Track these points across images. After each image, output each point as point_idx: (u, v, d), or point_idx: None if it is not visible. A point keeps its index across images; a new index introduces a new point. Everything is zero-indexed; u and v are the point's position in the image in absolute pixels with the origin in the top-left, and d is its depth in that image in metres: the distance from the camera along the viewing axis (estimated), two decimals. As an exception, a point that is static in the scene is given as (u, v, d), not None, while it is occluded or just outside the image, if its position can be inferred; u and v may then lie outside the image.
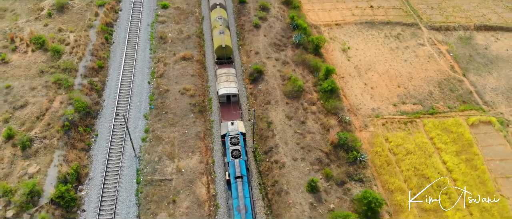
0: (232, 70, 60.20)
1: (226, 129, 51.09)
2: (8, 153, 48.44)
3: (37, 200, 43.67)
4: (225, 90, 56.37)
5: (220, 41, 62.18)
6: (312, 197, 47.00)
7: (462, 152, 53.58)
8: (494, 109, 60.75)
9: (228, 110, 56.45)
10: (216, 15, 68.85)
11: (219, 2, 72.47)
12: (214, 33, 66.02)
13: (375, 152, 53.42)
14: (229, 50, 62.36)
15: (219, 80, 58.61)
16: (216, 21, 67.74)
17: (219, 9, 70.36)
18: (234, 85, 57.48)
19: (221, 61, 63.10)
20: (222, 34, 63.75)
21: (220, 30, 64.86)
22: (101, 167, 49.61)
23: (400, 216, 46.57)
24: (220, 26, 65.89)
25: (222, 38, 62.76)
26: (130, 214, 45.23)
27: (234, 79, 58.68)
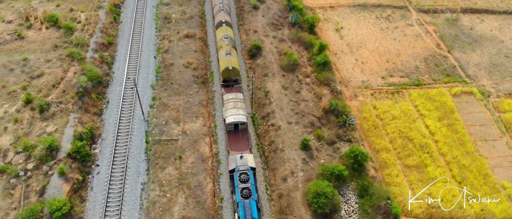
0: (239, 95, 56.04)
1: (234, 164, 47.27)
2: (27, 115, 53.09)
3: (55, 154, 48.31)
4: (233, 118, 52.59)
5: (226, 62, 58.54)
6: (305, 154, 51.62)
7: (444, 118, 58.17)
8: (476, 82, 65.36)
9: (236, 139, 52.87)
10: (222, 34, 65.06)
11: (225, 20, 68.11)
12: (220, 53, 62.08)
13: (363, 117, 58.05)
14: (236, 72, 58.60)
15: (226, 106, 54.60)
16: (222, 40, 63.89)
17: (225, 27, 66.48)
18: (243, 112, 53.56)
19: (228, 84, 59.47)
20: (228, 55, 60.05)
21: (226, 50, 60.93)
22: (112, 128, 54.26)
23: (385, 171, 51.20)
24: (227, 46, 62.04)
25: (229, 59, 59.03)
26: (140, 168, 49.90)
27: (242, 105, 54.66)
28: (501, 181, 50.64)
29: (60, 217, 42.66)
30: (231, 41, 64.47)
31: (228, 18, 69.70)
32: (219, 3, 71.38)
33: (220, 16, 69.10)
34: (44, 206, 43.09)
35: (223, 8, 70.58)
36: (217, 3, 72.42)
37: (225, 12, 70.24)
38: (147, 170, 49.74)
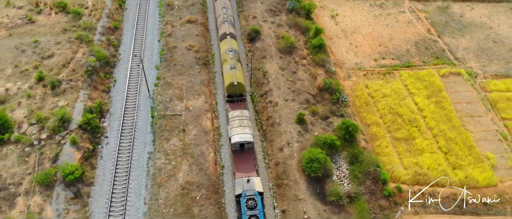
0: (245, 113, 53.79)
1: (241, 188, 45.10)
2: (39, 91, 56.49)
3: (67, 126, 51.73)
4: (238, 137, 50.21)
5: (231, 77, 56.24)
6: (300, 127, 55.05)
7: (433, 96, 61.57)
8: (464, 64, 68.75)
9: (242, 160, 50.46)
10: (226, 46, 62.25)
11: (229, 32, 65.28)
12: (225, 67, 59.34)
13: (355, 95, 61.47)
14: (241, 87, 56.26)
15: (231, 124, 52.21)
16: (226, 53, 61.24)
17: (229, 39, 63.63)
18: (249, 131, 51.18)
19: (232, 99, 57.28)
20: (233, 69, 57.57)
21: (231, 64, 58.36)
22: (120, 104, 57.68)
23: (375, 143, 54.62)
24: (231, 60, 59.35)
25: (234, 74, 56.56)
26: (147, 139, 53.35)
27: (248, 123, 52.34)
28: (485, 153, 54.06)
29: (73, 181, 46.05)
30: (236, 54, 61.88)
31: (233, 30, 67.13)
32: (223, 14, 69.01)
33: (224, 27, 66.49)
34: (57, 171, 46.49)
35: (227, 20, 67.87)
36: (221, 14, 69.56)
37: (229, 24, 67.53)
38: (153, 141, 53.17)
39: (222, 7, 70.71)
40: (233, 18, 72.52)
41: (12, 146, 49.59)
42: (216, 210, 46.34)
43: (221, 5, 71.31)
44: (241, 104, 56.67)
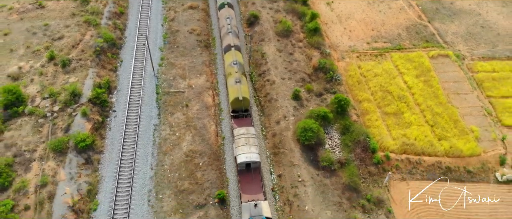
0: (251, 130, 51.68)
1: (248, 213, 43.44)
2: (51, 69, 60.06)
3: (78, 99, 55.33)
4: (245, 157, 48.10)
5: (236, 92, 54.20)
6: (296, 103, 58.61)
7: (421, 75, 65.13)
8: (453, 47, 72.31)
9: (248, 180, 48.41)
10: (231, 59, 59.79)
11: (234, 43, 62.84)
12: (229, 81, 56.98)
13: (349, 75, 65.04)
14: (246, 102, 54.46)
15: (237, 143, 50.11)
16: (230, 66, 58.72)
17: (234, 52, 61.06)
18: (255, 149, 49.06)
19: (237, 115, 55.53)
20: (238, 83, 55.36)
21: (236, 78, 56.10)
22: (126, 82, 61.26)
23: (366, 117, 58.17)
24: (236, 73, 56.99)
25: (239, 88, 54.56)
26: (152, 113, 56.94)
27: (254, 141, 50.19)
28: (470, 126, 57.63)
29: (84, 148, 49.62)
30: (241, 67, 59.32)
31: (237, 41, 64.41)
32: (227, 24, 66.28)
33: (229, 39, 63.74)
34: (70, 139, 50.06)
35: (231, 30, 65.01)
36: (225, 24, 66.93)
37: (233, 35, 64.66)
38: (158, 115, 56.75)
39: (226, 17, 68.20)
40: (237, 28, 69.67)
41: (26, 118, 53.14)
42: (217, 174, 49.94)
43: (225, 15, 68.94)
44: (247, 120, 54.63)
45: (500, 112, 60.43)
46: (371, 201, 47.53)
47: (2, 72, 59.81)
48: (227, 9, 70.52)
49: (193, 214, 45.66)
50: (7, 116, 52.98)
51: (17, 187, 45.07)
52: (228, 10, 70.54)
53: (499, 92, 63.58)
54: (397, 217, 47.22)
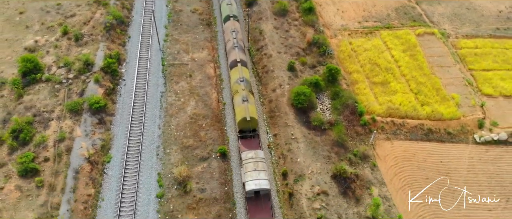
0: (260, 153, 48.91)
1: None
2: (65, 43, 65.02)
3: (90, 68, 60.30)
4: (254, 184, 45.35)
5: (243, 112, 51.43)
6: (291, 73, 63.58)
7: (408, 50, 70.06)
8: (439, 26, 77.23)
9: (257, 209, 45.70)
10: (237, 75, 57.09)
11: (240, 59, 59.68)
12: (236, 100, 54.17)
13: (340, 50, 69.96)
14: (254, 122, 51.81)
15: (245, 168, 47.37)
16: (237, 84, 56.06)
17: (240, 67, 58.23)
18: (264, 176, 46.20)
19: (244, 135, 52.85)
20: (245, 102, 52.53)
21: (243, 96, 53.30)
22: (134, 55, 66.23)
23: (355, 86, 63.10)
24: (243, 91, 54.13)
25: (246, 107, 51.72)
26: (159, 81, 61.93)
27: (263, 166, 47.35)
28: (451, 94, 62.57)
29: (97, 109, 54.63)
30: (248, 85, 56.80)
31: (243, 56, 61.54)
32: (233, 38, 63.36)
33: (234, 54, 60.72)
34: (85, 101, 55.03)
35: (237, 45, 62.06)
36: (231, 38, 63.86)
37: (239, 50, 61.70)
38: (164, 84, 61.72)
39: (232, 30, 65.03)
40: (243, 42, 66.91)
41: (43, 84, 58.11)
42: (218, 133, 54.93)
43: (231, 28, 65.72)
44: (255, 142, 51.91)
45: (480, 83, 65.36)
46: (357, 155, 52.47)
47: (20, 45, 64.77)
48: (232, 22, 67.27)
49: (198, 165, 50.65)
50: (26, 83, 57.93)
51: (37, 141, 50.03)
52: (234, 23, 67.26)
53: (480, 65, 68.55)
54: (381, 170, 52.17)
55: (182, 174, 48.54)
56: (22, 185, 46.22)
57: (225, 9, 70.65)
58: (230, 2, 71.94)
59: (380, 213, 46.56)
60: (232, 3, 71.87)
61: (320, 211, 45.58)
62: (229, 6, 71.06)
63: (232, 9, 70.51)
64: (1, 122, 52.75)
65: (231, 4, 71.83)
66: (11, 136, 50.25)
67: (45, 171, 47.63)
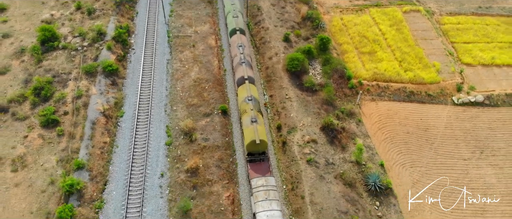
0: (271, 180, 46.08)
1: None
2: (78, 16, 70.81)
3: (103, 37, 66.07)
4: (265, 215, 42.98)
5: (252, 134, 48.35)
6: (286, 44, 69.33)
7: (394, 25, 75.81)
8: (424, 5, 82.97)
9: None
10: (245, 94, 53.95)
11: (248, 76, 56.69)
12: (244, 121, 51.02)
13: (332, 24, 75.73)
14: (264, 144, 48.58)
15: (256, 196, 44.88)
16: (245, 103, 52.95)
17: (248, 85, 55.19)
18: (276, 206, 43.92)
19: (253, 159, 49.23)
20: (254, 123, 49.55)
21: (251, 117, 50.23)
22: (142, 28, 72.01)
23: (345, 55, 68.84)
24: (251, 111, 51.06)
25: (255, 129, 48.71)
26: (165, 51, 67.69)
27: (275, 195, 44.92)
28: (433, 62, 68.32)
29: (110, 71, 60.45)
30: (257, 104, 53.51)
31: (251, 72, 58.26)
32: (240, 53, 60.33)
33: (242, 70, 57.64)
34: (99, 65, 60.82)
35: (244, 61, 59.00)
36: (237, 53, 60.85)
37: (247, 65, 58.80)
38: (170, 52, 67.49)
39: (238, 45, 61.93)
40: (251, 57, 64.64)
41: (60, 51, 63.86)
42: (220, 94, 60.72)
43: (237, 43, 62.55)
44: (264, 165, 48.53)
45: (461, 53, 71.12)
46: (344, 112, 58.22)
47: (37, 18, 70.55)
48: (238, 36, 64.00)
49: (202, 120, 56.43)
50: (44, 50, 63.67)
51: (57, 98, 55.80)
52: (240, 36, 63.96)
53: (461, 39, 74.33)
54: (366, 126, 57.94)
55: (188, 126, 54.28)
56: (44, 134, 51.99)
57: (231, 22, 67.61)
58: (236, 14, 68.92)
59: (363, 159, 52.30)
60: (238, 15, 68.82)
61: (309, 155, 51.31)
62: (235, 19, 67.64)
63: (238, 22, 66.91)
64: (23, 82, 58.51)
65: (237, 16, 68.44)
66: (33, 93, 56.00)
67: (65, 122, 53.39)
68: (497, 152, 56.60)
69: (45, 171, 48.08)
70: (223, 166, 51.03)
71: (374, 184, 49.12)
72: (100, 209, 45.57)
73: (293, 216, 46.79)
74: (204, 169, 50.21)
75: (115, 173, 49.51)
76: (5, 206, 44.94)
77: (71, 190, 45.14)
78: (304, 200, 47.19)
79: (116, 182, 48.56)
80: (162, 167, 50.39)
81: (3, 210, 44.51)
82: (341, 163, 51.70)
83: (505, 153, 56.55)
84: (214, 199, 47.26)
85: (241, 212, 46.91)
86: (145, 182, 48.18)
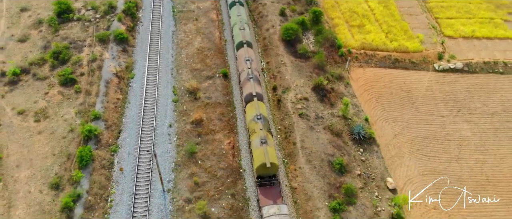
0: (284, 209, 43.44)
1: None
2: (90, -7, 76.83)
3: (114, 10, 72.00)
4: None
5: (262, 156, 45.73)
6: (282, 17, 75.24)
7: (382, 2, 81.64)
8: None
9: None
10: (253, 112, 50.93)
11: (256, 92, 53.76)
12: (253, 141, 48.47)
13: (325, 2, 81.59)
14: (275, 167, 46.03)
15: None
16: (254, 122, 49.98)
17: (257, 103, 52.30)
18: None
19: (263, 182, 46.85)
20: (264, 144, 46.97)
21: (261, 138, 47.63)
22: (149, 3, 77.92)
23: (336, 28, 74.76)
24: (261, 131, 48.40)
25: (265, 151, 46.01)
26: (170, 23, 73.64)
27: None
28: (417, 34, 74.22)
29: (121, 39, 66.44)
30: (266, 123, 50.63)
31: (260, 89, 55.62)
32: (247, 68, 57.52)
33: (250, 86, 54.73)
34: (111, 33, 66.78)
35: (252, 76, 56.08)
36: (245, 68, 57.90)
37: (255, 81, 55.64)
38: (175, 25, 73.43)
39: (246, 59, 58.95)
40: (259, 72, 61.45)
41: (75, 22, 69.82)
42: (221, 60, 66.63)
43: (244, 57, 59.47)
44: (275, 190, 45.92)
45: (443, 27, 76.98)
46: (334, 76, 64.12)
47: (52, -5, 76.53)
48: (246, 49, 61.07)
49: (205, 82, 62.36)
50: (60, 21, 69.58)
51: (74, 61, 61.72)
52: (247, 50, 61.03)
53: (445, 15, 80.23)
54: (353, 88, 63.87)
55: (193, 86, 60.22)
56: (63, 91, 57.95)
57: (238, 34, 64.60)
58: (243, 26, 65.58)
59: (349, 114, 58.25)
60: (245, 27, 65.68)
61: (301, 110, 57.25)
62: (242, 32, 64.57)
63: (245, 35, 63.84)
64: (42, 48, 64.46)
65: (243, 29, 65.22)
66: (52, 57, 61.93)
67: (82, 82, 59.33)
68: (473, 111, 62.51)
69: (65, 121, 54.02)
70: (224, 119, 56.95)
71: (358, 134, 55.04)
72: (115, 152, 51.54)
73: (286, 159, 52.75)
74: (207, 121, 56.14)
75: (128, 124, 55.49)
76: (30, 149, 50.88)
77: (90, 135, 51.06)
78: (296, 146, 53.13)
79: (129, 131, 54.54)
80: (170, 119, 56.35)
81: (28, 153, 50.47)
82: (330, 117, 57.63)
83: (480, 112, 62.46)
84: (217, 144, 53.20)
85: (240, 155, 52.80)
86: (155, 131, 54.12)
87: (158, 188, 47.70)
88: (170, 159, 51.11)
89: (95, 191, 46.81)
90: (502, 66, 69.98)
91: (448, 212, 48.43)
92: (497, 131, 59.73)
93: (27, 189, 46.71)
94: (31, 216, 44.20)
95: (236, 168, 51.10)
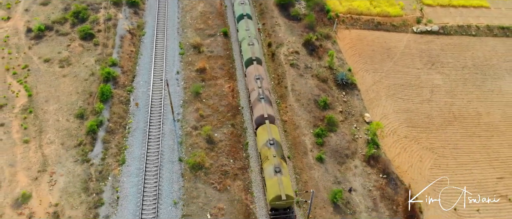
0: None
1: None
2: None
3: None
4: None
5: (276, 187, 41.85)
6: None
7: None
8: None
9: None
10: (266, 137, 47.16)
11: (268, 114, 49.87)
12: (266, 170, 44.37)
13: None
14: (290, 199, 42.17)
15: None
16: (266, 148, 46.13)
17: (269, 126, 48.56)
18: None
19: (277, 216, 43.59)
20: (278, 174, 42.98)
21: (275, 166, 43.59)
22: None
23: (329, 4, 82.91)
24: (274, 158, 44.37)
25: (279, 182, 42.14)
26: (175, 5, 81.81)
27: None
28: (398, 2, 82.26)
29: (132, 3, 74.69)
30: (279, 149, 46.76)
31: (271, 110, 51.32)
32: (258, 87, 53.62)
33: (261, 108, 50.84)
34: (123, 0, 74.99)
35: (263, 96, 52.11)
36: (255, 87, 53.96)
37: (266, 102, 51.65)
38: None
39: (256, 77, 55.09)
40: (270, 90, 57.45)
41: (91, -11, 77.85)
42: (221, 21, 74.74)
43: (254, 75, 55.59)
44: None
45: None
46: (322, 35, 72.12)
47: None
48: (255, 67, 57.19)
49: (207, 39, 70.39)
50: (78, -12, 77.70)
51: (92, 19, 69.71)
52: (257, 67, 57.25)
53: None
54: (339, 45, 71.96)
55: (197, 41, 68.28)
56: (83, 44, 65.96)
57: (247, 50, 60.26)
58: (252, 42, 61.31)
59: (335, 65, 66.33)
60: (254, 43, 61.25)
61: (292, 61, 65.34)
62: (251, 47, 60.13)
63: (254, 51, 59.70)
64: (63, 10, 72.43)
65: (253, 44, 60.89)
66: (72, 16, 69.90)
67: (99, 37, 67.32)
68: (445, 65, 70.60)
69: (86, 67, 62.08)
70: (225, 68, 65.03)
71: (342, 80, 63.14)
72: (131, 92, 59.64)
73: (278, 99, 60.85)
74: (210, 70, 64.21)
75: (141, 70, 63.58)
76: (56, 89, 58.89)
77: (108, 77, 59.12)
78: (287, 89, 61.24)
79: (142, 76, 62.64)
80: (177, 68, 64.43)
81: (55, 91, 58.48)
82: (317, 67, 65.72)
83: (452, 66, 70.53)
84: (218, 88, 61.29)
85: (239, 96, 60.83)
86: (165, 76, 62.18)
87: (169, 118, 55.77)
88: (179, 98, 59.16)
89: (115, 119, 54.92)
90: (474, 29, 78.01)
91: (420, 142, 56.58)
92: (467, 81, 67.88)
93: (56, 118, 54.74)
94: (60, 138, 52.24)
95: (235, 106, 59.18)
